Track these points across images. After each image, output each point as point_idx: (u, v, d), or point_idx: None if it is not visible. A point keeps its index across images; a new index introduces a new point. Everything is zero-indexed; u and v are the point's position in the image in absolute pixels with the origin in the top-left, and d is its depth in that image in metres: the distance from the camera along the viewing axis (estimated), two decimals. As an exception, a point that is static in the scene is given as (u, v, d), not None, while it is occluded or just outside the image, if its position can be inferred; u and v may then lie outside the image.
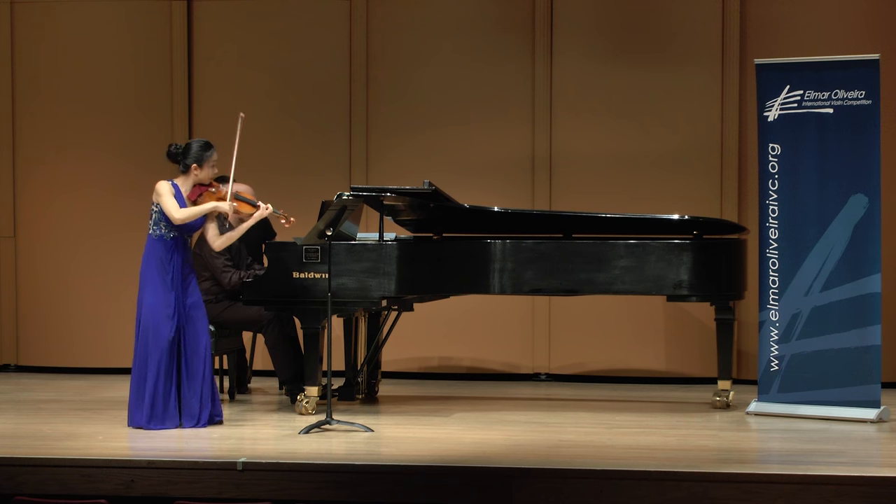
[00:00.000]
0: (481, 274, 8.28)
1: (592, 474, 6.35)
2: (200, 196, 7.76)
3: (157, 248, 7.70)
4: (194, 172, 7.75)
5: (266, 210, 7.90)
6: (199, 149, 7.76)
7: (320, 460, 6.64)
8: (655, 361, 9.91)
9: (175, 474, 6.54)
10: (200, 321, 7.74)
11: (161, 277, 7.67)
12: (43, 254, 10.48)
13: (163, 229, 7.71)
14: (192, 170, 7.75)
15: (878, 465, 6.82)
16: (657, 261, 8.27)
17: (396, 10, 10.16)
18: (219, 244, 7.92)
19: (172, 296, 7.66)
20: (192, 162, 7.74)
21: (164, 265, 7.69)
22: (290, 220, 8.03)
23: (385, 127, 10.17)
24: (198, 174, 7.76)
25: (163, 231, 7.71)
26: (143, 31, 10.37)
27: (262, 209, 7.89)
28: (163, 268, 7.68)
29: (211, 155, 7.77)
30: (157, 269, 7.68)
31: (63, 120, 10.43)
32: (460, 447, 7.11)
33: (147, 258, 7.72)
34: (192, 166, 7.74)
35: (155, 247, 7.71)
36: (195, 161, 7.74)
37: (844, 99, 8.06)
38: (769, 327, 8.29)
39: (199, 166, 7.75)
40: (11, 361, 10.55)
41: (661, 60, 9.88)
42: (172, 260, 7.70)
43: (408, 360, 10.11)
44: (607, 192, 9.86)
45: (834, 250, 8.09)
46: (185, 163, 7.75)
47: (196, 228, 7.82)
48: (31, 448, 6.99)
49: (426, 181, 8.24)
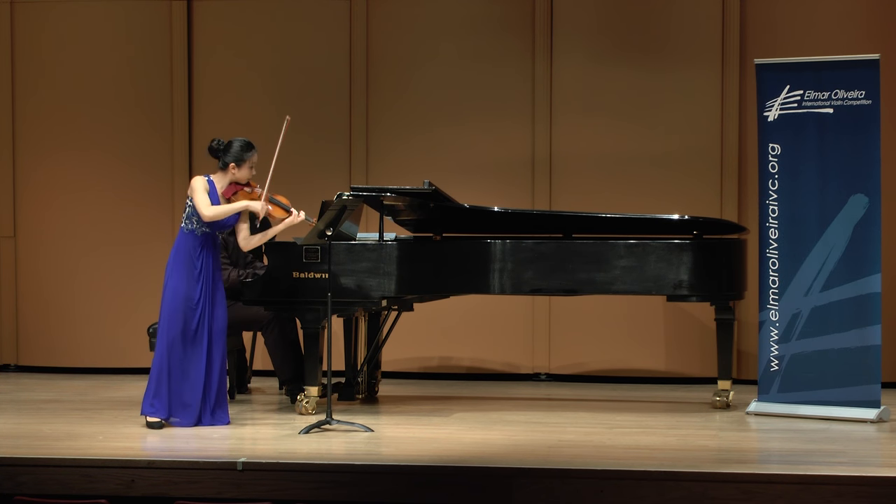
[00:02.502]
0: (481, 274, 8.28)
1: (592, 474, 6.36)
2: (235, 194, 7.75)
3: (187, 242, 7.71)
4: (232, 171, 7.75)
5: (298, 217, 7.87)
6: (240, 148, 7.76)
7: (320, 460, 6.64)
8: (655, 361, 9.91)
9: (175, 474, 6.55)
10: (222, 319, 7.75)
11: (188, 269, 7.67)
12: (43, 254, 10.47)
13: (194, 224, 7.71)
14: (230, 168, 7.75)
15: (878, 465, 6.82)
16: (657, 261, 8.27)
17: (396, 10, 10.15)
18: (250, 245, 7.89)
19: (198, 289, 7.66)
20: (231, 160, 7.74)
21: (193, 259, 7.69)
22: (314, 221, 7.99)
23: (385, 127, 10.17)
24: (235, 173, 7.76)
25: (194, 226, 7.71)
26: (142, 31, 10.36)
27: (294, 215, 7.87)
28: (191, 261, 7.68)
29: (251, 156, 7.78)
30: (184, 262, 7.68)
31: (63, 120, 10.42)
32: (460, 447, 7.11)
33: (176, 251, 7.73)
34: (231, 165, 7.75)
35: (186, 240, 7.72)
36: (234, 160, 7.74)
37: (844, 99, 8.05)
38: (769, 327, 8.28)
39: (238, 166, 7.75)
40: (11, 361, 10.55)
41: (662, 60, 9.88)
42: (202, 255, 7.70)
43: (408, 360, 10.11)
44: (607, 192, 9.85)
45: (834, 250, 8.09)
46: (224, 160, 7.76)
47: (228, 226, 7.79)
48: (31, 448, 6.99)
49: (426, 181, 8.25)
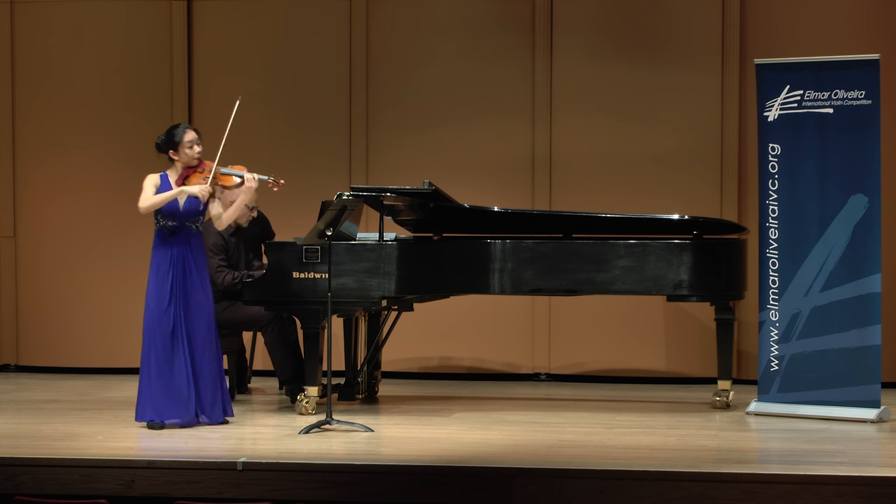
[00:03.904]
0: (481, 274, 8.28)
1: (592, 474, 6.36)
2: (187, 178, 7.73)
3: (157, 240, 7.73)
4: (174, 157, 7.74)
5: (253, 181, 7.80)
6: (170, 134, 7.73)
7: (320, 460, 6.64)
8: (655, 361, 9.91)
9: (175, 474, 6.54)
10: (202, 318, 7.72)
11: (157, 268, 7.67)
12: (43, 254, 10.47)
13: (161, 221, 7.71)
14: (171, 156, 7.74)
15: (878, 465, 6.82)
16: (657, 261, 8.26)
17: (396, 10, 10.15)
18: (223, 223, 7.87)
19: (168, 286, 7.64)
20: (167, 148, 7.73)
21: (163, 256, 7.69)
22: (280, 181, 7.93)
23: (385, 127, 10.16)
24: (177, 158, 7.73)
25: (161, 223, 7.71)
26: (143, 31, 10.36)
27: (247, 180, 7.79)
28: (161, 259, 7.69)
29: (183, 135, 7.70)
30: (155, 261, 7.70)
31: (63, 119, 10.42)
32: (460, 447, 7.11)
33: (152, 250, 7.74)
34: (170, 152, 7.73)
35: (156, 239, 7.74)
36: (171, 147, 7.71)
37: (844, 99, 8.05)
38: (769, 327, 8.28)
39: (176, 150, 7.72)
40: (11, 361, 10.55)
41: (661, 60, 9.88)
42: (171, 251, 7.69)
43: (408, 360, 10.10)
44: (607, 192, 9.85)
45: (834, 250, 8.09)
46: (164, 151, 7.75)
47: (193, 214, 7.73)
48: (30, 448, 6.99)
49: (426, 181, 8.25)
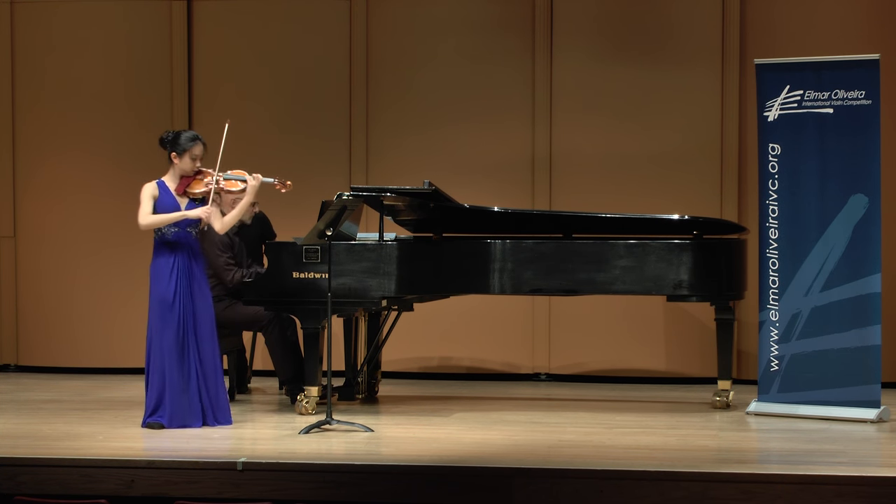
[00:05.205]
0: (481, 274, 8.28)
1: (592, 474, 6.35)
2: (188, 186, 7.73)
3: (159, 248, 7.70)
4: (174, 160, 7.71)
5: (256, 181, 7.79)
6: (184, 139, 7.70)
7: (320, 460, 6.64)
8: (655, 361, 9.91)
9: (175, 474, 6.54)
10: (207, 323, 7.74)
11: (161, 272, 7.65)
12: (43, 254, 10.47)
13: (162, 228, 7.70)
14: (172, 158, 7.72)
15: (878, 465, 6.82)
16: (657, 261, 8.26)
17: (396, 10, 10.15)
18: (226, 226, 7.84)
19: (172, 289, 7.64)
20: (170, 150, 7.71)
21: (167, 263, 7.67)
22: (287, 183, 7.93)
23: (385, 127, 10.16)
24: (177, 163, 7.71)
25: (163, 229, 7.70)
26: (143, 31, 10.36)
27: (251, 182, 7.78)
28: (164, 265, 7.67)
29: (193, 146, 7.69)
30: (158, 267, 7.67)
31: (63, 120, 10.42)
32: (460, 447, 7.11)
33: (153, 257, 7.73)
34: (172, 154, 7.71)
35: (158, 246, 7.71)
36: (176, 149, 7.69)
37: (844, 99, 8.05)
38: (769, 327, 8.28)
39: (179, 155, 7.70)
40: (11, 361, 10.55)
41: (661, 60, 9.88)
42: (175, 257, 7.68)
43: (408, 360, 10.10)
44: (607, 192, 9.85)
45: (834, 250, 8.09)
46: (168, 150, 7.72)
47: (194, 223, 7.74)
48: (30, 448, 6.99)
49: (426, 181, 8.24)
